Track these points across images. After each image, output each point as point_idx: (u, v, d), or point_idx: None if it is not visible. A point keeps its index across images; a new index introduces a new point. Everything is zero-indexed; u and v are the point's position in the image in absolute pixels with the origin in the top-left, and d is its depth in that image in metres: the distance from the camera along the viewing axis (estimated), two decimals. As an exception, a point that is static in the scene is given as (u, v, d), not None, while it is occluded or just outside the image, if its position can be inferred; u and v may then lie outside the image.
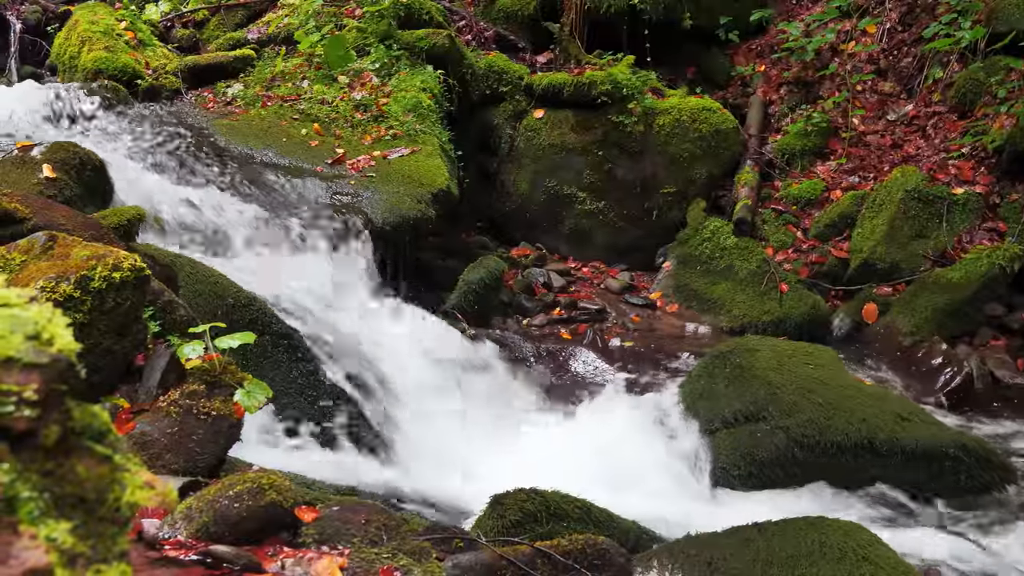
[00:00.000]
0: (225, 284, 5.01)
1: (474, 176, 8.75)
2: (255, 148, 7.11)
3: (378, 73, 8.32)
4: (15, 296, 0.87)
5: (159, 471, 3.04)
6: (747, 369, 5.52)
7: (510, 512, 3.67)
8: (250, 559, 2.57)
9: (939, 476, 4.93)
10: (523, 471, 4.49)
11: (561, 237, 8.87)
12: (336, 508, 3.02)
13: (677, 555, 3.58)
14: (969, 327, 7.14)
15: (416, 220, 6.75)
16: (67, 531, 0.80)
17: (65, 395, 0.84)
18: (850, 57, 9.44)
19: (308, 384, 5.05)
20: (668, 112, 8.79)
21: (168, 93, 8.07)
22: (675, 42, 9.88)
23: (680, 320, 7.77)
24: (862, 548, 3.42)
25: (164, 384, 3.35)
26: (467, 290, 7.05)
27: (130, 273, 3.11)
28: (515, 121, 9.07)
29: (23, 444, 0.80)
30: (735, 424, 5.31)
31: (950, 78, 8.82)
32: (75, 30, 8.53)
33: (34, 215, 3.81)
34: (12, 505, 0.76)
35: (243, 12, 9.99)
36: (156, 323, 3.61)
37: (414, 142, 7.56)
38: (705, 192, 8.78)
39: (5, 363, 0.80)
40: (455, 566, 2.90)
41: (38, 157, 5.35)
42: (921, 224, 7.74)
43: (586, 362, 6.81)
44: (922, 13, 9.42)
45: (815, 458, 5.00)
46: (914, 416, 5.17)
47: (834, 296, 7.89)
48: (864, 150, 8.79)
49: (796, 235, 8.29)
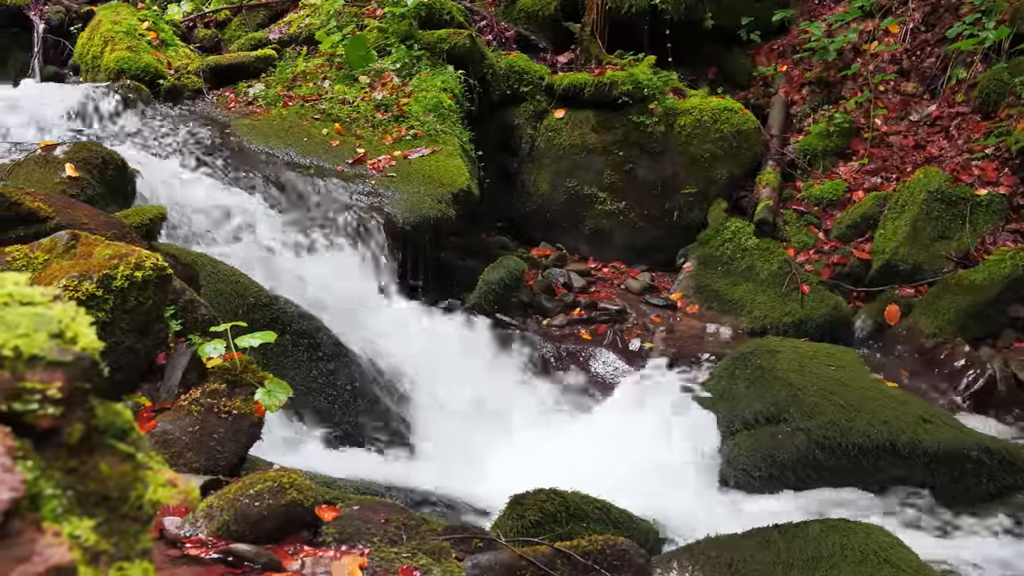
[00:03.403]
0: (246, 283, 5.03)
1: (494, 176, 8.75)
2: (276, 148, 7.13)
3: (399, 73, 8.32)
4: (39, 295, 0.87)
5: (180, 469, 3.05)
6: (768, 370, 5.50)
7: (530, 512, 3.67)
8: (271, 558, 2.58)
9: (961, 478, 4.90)
10: (543, 471, 4.49)
11: (581, 237, 8.86)
12: (356, 507, 3.03)
13: (697, 556, 3.57)
14: (992, 329, 7.08)
15: (436, 220, 6.75)
16: (90, 528, 0.81)
17: (88, 393, 0.84)
18: (872, 57, 9.39)
19: (328, 383, 5.06)
20: (689, 112, 8.76)
21: (190, 93, 8.09)
22: (696, 42, 9.85)
23: (700, 321, 7.74)
24: (883, 551, 3.40)
25: (185, 383, 3.37)
26: (487, 290, 7.05)
27: (152, 272, 3.13)
28: (536, 121, 9.06)
29: (47, 442, 0.80)
30: (756, 425, 5.29)
31: (973, 78, 8.76)
32: (98, 30, 8.57)
33: (57, 214, 3.83)
34: (36, 502, 0.77)
35: (264, 12, 10.02)
36: (177, 322, 3.63)
37: (435, 142, 7.56)
38: (726, 193, 8.74)
39: (29, 361, 0.80)
40: (475, 566, 2.90)
41: (61, 156, 5.37)
42: (944, 225, 7.68)
43: (606, 363, 6.80)
44: (945, 13, 9.36)
45: (836, 460, 4.97)
46: (936, 418, 5.14)
47: (856, 297, 7.84)
48: (886, 151, 8.74)
49: (818, 236, 8.25)
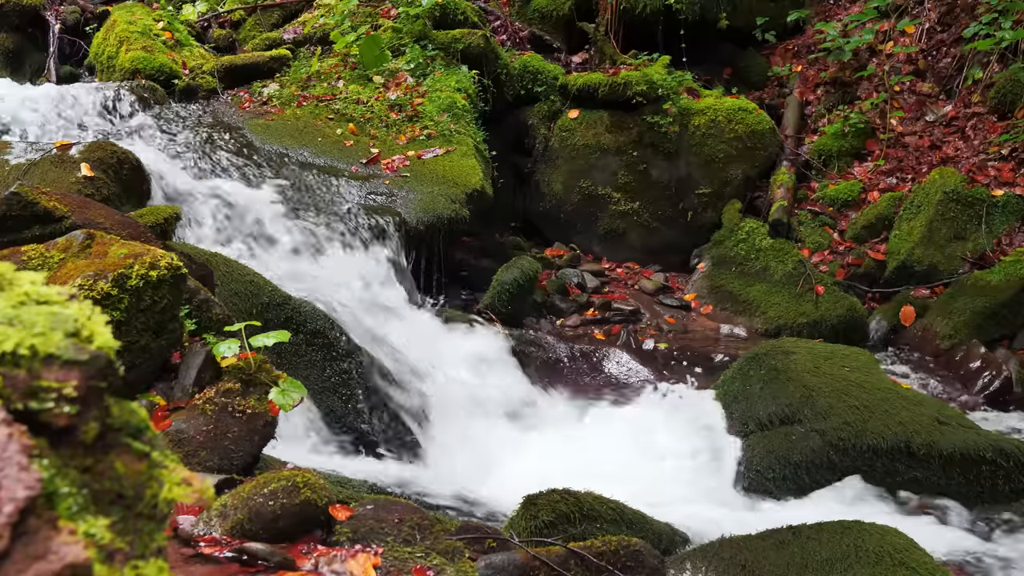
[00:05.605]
0: (260, 283, 5.04)
1: (508, 176, 8.75)
2: (290, 148, 7.15)
3: (413, 73, 8.33)
4: (55, 294, 0.87)
5: (194, 468, 3.06)
6: (782, 371, 5.48)
7: (543, 512, 3.66)
8: (284, 556, 2.58)
9: (977, 481, 4.88)
10: (556, 472, 4.49)
11: (595, 238, 8.85)
12: (370, 507, 3.03)
13: (711, 557, 3.56)
14: (1008, 330, 7.04)
15: (450, 220, 6.76)
16: (105, 527, 0.81)
17: (104, 392, 0.84)
18: (888, 58, 9.35)
19: (342, 383, 5.07)
20: (704, 113, 8.75)
21: (204, 93, 8.12)
22: (711, 42, 9.84)
23: (715, 322, 7.73)
24: (898, 552, 3.39)
25: (200, 382, 3.38)
26: (501, 290, 7.04)
27: (167, 271, 3.14)
28: (550, 121, 9.06)
29: (62, 440, 0.80)
30: (770, 426, 5.27)
31: (990, 79, 8.72)
32: (113, 30, 8.61)
33: (72, 213, 3.85)
34: (52, 500, 0.77)
35: (279, 12, 10.05)
36: (192, 321, 3.64)
37: (448, 142, 7.57)
38: (740, 193, 8.73)
39: (45, 360, 0.80)
40: (488, 566, 2.90)
41: (76, 156, 5.40)
42: (960, 226, 7.65)
43: (619, 363, 6.79)
44: (962, 13, 9.32)
45: (851, 461, 4.95)
46: (952, 420, 5.11)
47: (871, 298, 7.82)
48: (902, 151, 8.71)
49: (833, 237, 8.23)
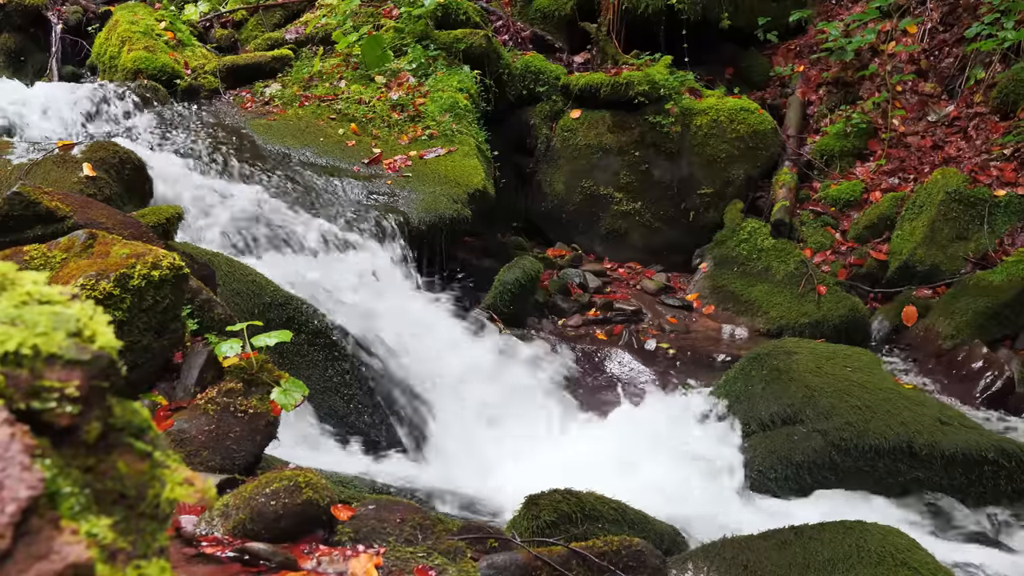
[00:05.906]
0: (262, 283, 5.04)
1: (510, 176, 8.75)
2: (292, 147, 7.15)
3: (415, 73, 8.33)
4: (57, 294, 0.87)
5: (196, 468, 3.06)
6: (784, 372, 5.48)
7: (545, 512, 3.66)
8: (286, 556, 2.58)
9: (979, 481, 4.87)
10: (557, 471, 4.48)
11: (597, 238, 8.85)
12: (372, 507, 3.03)
13: (713, 557, 3.56)
14: (1010, 330, 7.03)
15: (452, 220, 6.76)
16: (108, 527, 0.81)
17: (106, 392, 0.84)
18: (890, 58, 9.35)
19: (344, 383, 5.07)
20: (705, 112, 8.75)
21: (206, 93, 8.12)
22: (713, 42, 9.84)
23: (717, 322, 7.73)
24: (900, 552, 3.39)
25: (202, 382, 3.38)
26: (503, 290, 7.04)
27: (169, 271, 3.14)
28: (552, 121, 9.06)
29: (65, 440, 0.80)
30: (772, 427, 5.27)
31: (992, 79, 8.72)
32: (115, 30, 8.61)
33: (74, 213, 3.85)
34: (54, 500, 0.77)
35: (281, 12, 10.05)
36: (194, 321, 3.64)
37: (450, 142, 7.57)
38: (742, 193, 8.73)
39: (48, 360, 0.80)
40: (490, 566, 2.90)
41: (78, 156, 5.40)
42: (962, 226, 7.64)
43: (621, 363, 6.79)
44: (964, 13, 9.31)
45: (853, 462, 4.95)
46: (954, 420, 5.11)
47: (873, 298, 7.81)
48: (904, 151, 8.70)
49: (835, 237, 8.22)
